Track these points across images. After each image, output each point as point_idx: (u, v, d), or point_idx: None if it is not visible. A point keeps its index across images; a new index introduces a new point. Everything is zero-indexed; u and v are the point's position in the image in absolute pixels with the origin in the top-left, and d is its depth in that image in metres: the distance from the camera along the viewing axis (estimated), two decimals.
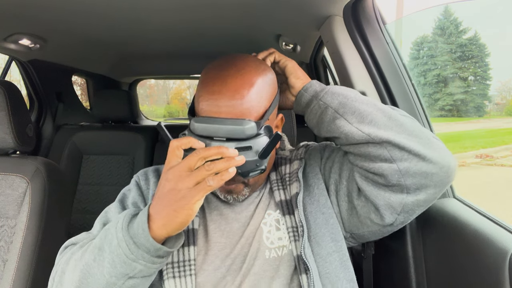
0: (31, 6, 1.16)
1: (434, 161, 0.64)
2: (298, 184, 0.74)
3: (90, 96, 2.81)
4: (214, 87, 0.66)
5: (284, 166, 0.79)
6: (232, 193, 0.72)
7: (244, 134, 0.61)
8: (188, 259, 0.70)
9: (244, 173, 0.62)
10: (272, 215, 0.75)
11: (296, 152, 0.83)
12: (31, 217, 1.03)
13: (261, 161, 0.63)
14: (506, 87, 8.73)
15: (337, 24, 1.06)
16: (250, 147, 0.62)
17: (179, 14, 1.28)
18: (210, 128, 0.62)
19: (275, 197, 0.76)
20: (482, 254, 0.70)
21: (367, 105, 0.68)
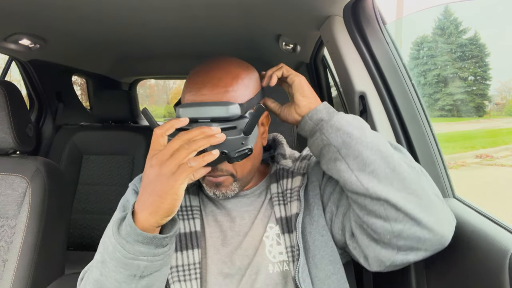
0: (31, 6, 1.16)
1: (430, 228, 0.62)
2: (299, 203, 0.72)
3: (90, 96, 2.81)
4: (198, 78, 0.68)
5: (286, 179, 0.77)
6: (220, 188, 0.71)
7: (228, 113, 0.61)
8: (193, 263, 0.70)
9: (230, 153, 0.62)
10: (274, 229, 0.74)
11: (299, 164, 0.80)
12: (31, 217, 1.03)
13: (246, 139, 0.62)
14: (506, 87, 8.73)
15: (337, 24, 1.06)
16: (235, 127, 0.62)
17: (179, 14, 1.28)
18: (193, 110, 0.62)
19: (275, 213, 0.74)
20: (482, 254, 0.70)
21: (372, 151, 0.63)
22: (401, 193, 0.61)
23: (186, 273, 0.69)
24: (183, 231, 0.72)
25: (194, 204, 0.76)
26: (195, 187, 0.78)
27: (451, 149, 6.21)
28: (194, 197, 0.77)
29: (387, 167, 0.62)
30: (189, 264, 0.69)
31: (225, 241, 0.74)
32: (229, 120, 0.62)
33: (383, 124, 1.03)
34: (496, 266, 0.65)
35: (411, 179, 0.63)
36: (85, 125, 2.23)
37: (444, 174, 0.97)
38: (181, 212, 0.74)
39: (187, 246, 0.71)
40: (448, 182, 0.96)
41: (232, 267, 0.71)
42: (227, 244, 0.73)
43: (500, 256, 0.65)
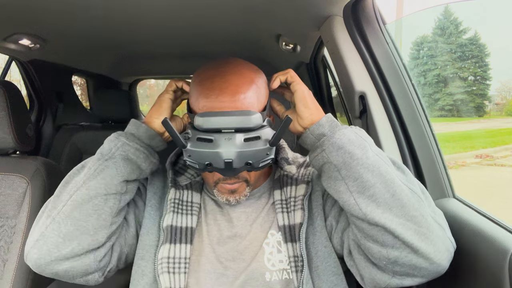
0: (31, 6, 1.16)
1: (426, 256, 0.61)
2: (302, 213, 0.71)
3: (90, 96, 2.81)
4: (214, 84, 0.66)
5: (290, 187, 0.76)
6: (235, 194, 0.72)
7: (252, 123, 0.60)
8: (184, 257, 0.70)
9: (254, 163, 0.61)
10: (275, 236, 0.73)
11: (303, 171, 0.78)
12: (31, 217, 1.03)
13: (271, 150, 0.62)
14: (506, 87, 8.73)
15: (337, 24, 1.06)
16: (259, 137, 0.61)
17: (179, 14, 1.28)
18: (217, 120, 0.60)
19: (278, 220, 0.74)
20: (482, 254, 0.70)
21: (372, 174, 0.61)
22: (399, 220, 0.60)
23: (176, 266, 0.69)
24: (179, 225, 0.72)
25: (195, 201, 0.76)
26: (198, 184, 0.79)
27: (451, 149, 6.20)
28: (196, 194, 0.77)
29: (387, 191, 0.61)
30: (180, 257, 0.70)
31: (221, 241, 0.74)
32: (252, 129, 0.61)
33: (383, 124, 1.03)
34: (496, 266, 0.65)
35: (411, 205, 0.61)
36: (85, 125, 2.23)
37: (444, 174, 0.97)
38: (180, 205, 0.75)
39: (180, 240, 0.71)
40: (448, 182, 0.96)
41: (226, 268, 0.71)
42: (224, 243, 0.73)
43: (500, 256, 0.65)
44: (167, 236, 0.71)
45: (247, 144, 0.60)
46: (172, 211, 0.73)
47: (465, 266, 0.76)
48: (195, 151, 0.60)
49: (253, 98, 0.66)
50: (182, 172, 0.81)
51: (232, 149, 0.58)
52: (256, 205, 0.77)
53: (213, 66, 0.70)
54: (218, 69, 0.69)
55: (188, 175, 0.80)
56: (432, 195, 0.96)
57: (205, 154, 0.59)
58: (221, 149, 0.59)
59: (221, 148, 0.59)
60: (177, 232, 0.72)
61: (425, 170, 0.97)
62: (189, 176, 0.80)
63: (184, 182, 0.78)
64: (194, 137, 0.61)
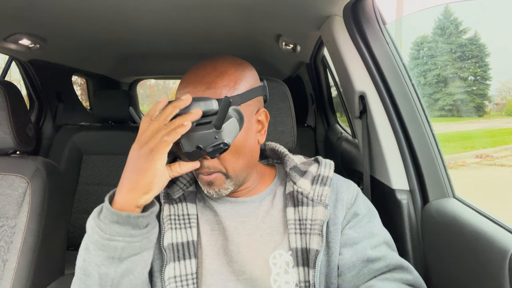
0: (31, 6, 1.16)
1: None
2: (320, 239, 0.68)
3: (90, 96, 2.81)
4: (185, 77, 0.69)
5: (306, 207, 0.72)
6: (213, 186, 0.69)
7: (204, 108, 0.62)
8: (190, 273, 0.69)
9: (206, 147, 0.62)
10: (284, 256, 0.71)
11: (318, 189, 0.74)
12: (31, 217, 1.03)
13: (219, 134, 0.62)
14: (506, 87, 8.73)
15: (337, 24, 1.06)
16: (210, 122, 0.62)
17: (179, 14, 1.28)
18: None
19: (290, 241, 0.71)
20: (482, 254, 0.70)
21: None
22: None
23: (184, 283, 0.68)
24: (180, 241, 0.70)
25: (191, 212, 0.74)
26: (192, 194, 0.76)
27: (451, 149, 6.20)
28: (192, 205, 0.75)
29: None
30: (187, 274, 0.68)
31: (221, 251, 0.72)
32: (205, 115, 0.63)
33: (383, 124, 1.03)
34: (496, 266, 0.65)
35: None
36: (85, 125, 2.23)
37: (444, 174, 0.97)
38: (178, 220, 0.72)
39: (184, 256, 0.69)
40: (448, 182, 0.97)
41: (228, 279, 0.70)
42: (224, 254, 0.71)
43: (500, 256, 0.65)
44: (170, 255, 0.69)
45: (197, 128, 0.62)
46: (170, 229, 0.71)
47: (465, 266, 0.76)
48: None
49: (218, 89, 0.66)
50: (174, 181, 0.77)
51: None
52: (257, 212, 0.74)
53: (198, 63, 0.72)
54: (197, 65, 0.71)
55: (181, 184, 0.77)
56: (432, 195, 0.96)
57: None
58: None
59: None
60: (179, 248, 0.70)
61: (425, 170, 0.97)
62: (181, 186, 0.76)
63: (177, 194, 0.75)
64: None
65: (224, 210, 0.75)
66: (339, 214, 0.72)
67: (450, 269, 0.82)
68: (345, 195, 0.75)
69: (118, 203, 0.59)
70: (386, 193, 1.03)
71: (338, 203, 0.74)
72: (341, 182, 0.77)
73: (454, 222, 0.82)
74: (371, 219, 0.75)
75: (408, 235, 0.96)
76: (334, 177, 0.77)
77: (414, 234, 0.96)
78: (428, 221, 0.93)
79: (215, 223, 0.74)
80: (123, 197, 0.59)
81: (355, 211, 0.74)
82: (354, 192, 0.76)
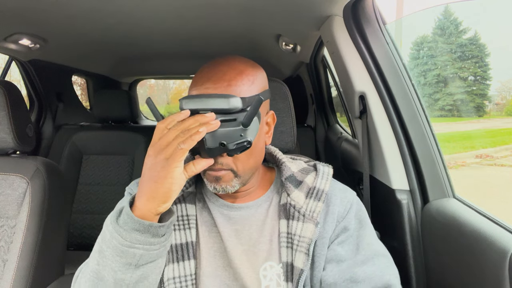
0: (31, 7, 1.16)
1: None
2: (306, 258, 0.68)
3: (90, 96, 2.81)
4: (203, 73, 0.68)
5: (296, 222, 0.71)
6: (220, 182, 0.68)
7: (229, 105, 0.62)
8: (189, 274, 0.69)
9: (229, 144, 0.62)
10: (275, 268, 0.70)
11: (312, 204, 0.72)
12: (31, 217, 1.03)
13: (245, 131, 0.62)
14: (506, 87, 8.73)
15: (337, 24, 1.06)
16: (235, 119, 0.62)
17: (179, 15, 1.28)
18: (195, 102, 0.63)
19: (282, 255, 0.70)
20: (482, 254, 0.70)
21: None
22: None
23: (183, 284, 0.68)
24: (179, 242, 0.70)
25: (191, 213, 0.74)
26: (192, 195, 0.76)
27: (451, 149, 6.20)
28: (191, 206, 0.75)
29: None
30: (186, 275, 0.69)
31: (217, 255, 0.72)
32: (229, 112, 0.62)
33: (383, 124, 1.03)
34: (496, 266, 0.65)
35: None
36: (85, 125, 2.23)
37: (444, 174, 0.97)
38: (177, 221, 0.72)
39: (183, 257, 0.70)
40: (448, 182, 0.97)
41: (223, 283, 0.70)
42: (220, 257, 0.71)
43: (500, 256, 0.65)
44: (170, 256, 0.69)
45: (222, 124, 0.62)
46: None
47: (465, 266, 0.76)
48: None
49: (239, 86, 0.66)
50: None
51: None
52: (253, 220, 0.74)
53: (211, 61, 0.71)
54: (212, 62, 0.70)
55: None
56: (432, 195, 0.96)
57: None
58: None
59: None
60: (178, 249, 0.70)
61: (425, 170, 0.97)
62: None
63: None
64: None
65: (220, 215, 0.74)
66: (328, 228, 0.71)
67: (450, 269, 0.82)
68: (337, 208, 0.73)
69: (138, 210, 0.58)
70: (386, 193, 1.03)
71: (329, 216, 0.72)
72: (335, 193, 0.75)
73: (454, 222, 0.82)
74: (360, 233, 0.73)
75: (408, 235, 0.96)
76: (331, 186, 0.75)
77: (414, 234, 0.96)
78: (428, 221, 0.93)
79: (212, 225, 0.74)
80: (142, 205, 0.58)
81: (345, 225, 0.72)
82: (348, 205, 0.74)
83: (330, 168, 0.78)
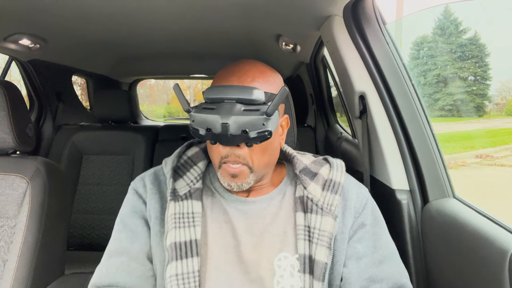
0: (31, 7, 1.16)
1: None
2: (328, 252, 0.68)
3: (90, 96, 2.81)
4: (227, 70, 0.71)
5: (315, 215, 0.71)
6: (236, 179, 0.69)
7: (253, 96, 0.64)
8: (192, 271, 0.69)
9: (250, 132, 0.64)
10: (289, 259, 0.70)
11: (329, 196, 0.73)
12: (31, 217, 1.03)
13: (267, 121, 0.64)
14: (506, 87, 8.73)
15: (337, 24, 1.06)
16: (258, 109, 0.64)
17: (179, 15, 1.28)
18: (220, 90, 0.66)
19: (299, 247, 0.70)
20: (482, 254, 0.70)
21: None
22: None
23: (186, 281, 0.68)
24: (183, 240, 0.70)
25: (196, 210, 0.73)
26: (198, 191, 0.76)
27: (451, 149, 6.20)
28: (197, 203, 0.74)
29: None
30: (188, 272, 0.68)
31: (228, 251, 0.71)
32: (253, 104, 0.65)
33: (383, 124, 1.03)
34: (496, 266, 0.65)
35: None
36: (85, 125, 2.23)
37: (444, 174, 0.97)
38: (182, 219, 0.72)
39: (186, 255, 0.69)
40: (448, 182, 0.97)
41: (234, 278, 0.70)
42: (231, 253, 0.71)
43: (500, 256, 0.65)
44: (172, 254, 0.69)
45: (246, 113, 0.64)
46: (174, 228, 0.70)
47: (465, 266, 0.76)
48: (198, 116, 0.66)
49: (261, 83, 0.68)
50: (181, 175, 0.77)
51: (229, 115, 0.63)
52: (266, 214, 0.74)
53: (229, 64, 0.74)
54: (235, 62, 0.73)
55: (188, 180, 0.76)
56: (432, 195, 0.96)
57: (206, 119, 0.65)
58: (220, 114, 0.64)
59: (220, 113, 0.64)
60: (181, 247, 0.70)
61: (425, 170, 0.97)
62: (188, 182, 0.75)
63: (183, 190, 0.74)
64: (200, 106, 0.67)
65: (233, 210, 0.74)
66: (347, 222, 0.72)
67: (450, 269, 0.82)
68: (354, 203, 0.74)
69: None
70: (386, 193, 1.03)
71: (347, 211, 0.73)
72: (351, 187, 0.76)
73: (454, 222, 0.81)
74: (376, 230, 0.74)
75: (408, 235, 0.96)
76: (346, 180, 0.76)
77: (414, 234, 0.96)
78: (428, 221, 0.93)
79: (224, 221, 0.74)
80: None
81: (363, 221, 0.74)
82: (364, 200, 0.75)
83: (342, 161, 0.79)
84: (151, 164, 2.00)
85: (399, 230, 0.98)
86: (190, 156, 0.79)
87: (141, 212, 0.75)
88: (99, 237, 1.86)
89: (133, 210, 0.76)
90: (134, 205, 0.76)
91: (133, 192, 0.78)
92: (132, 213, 0.75)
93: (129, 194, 0.78)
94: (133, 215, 0.75)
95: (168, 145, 2.05)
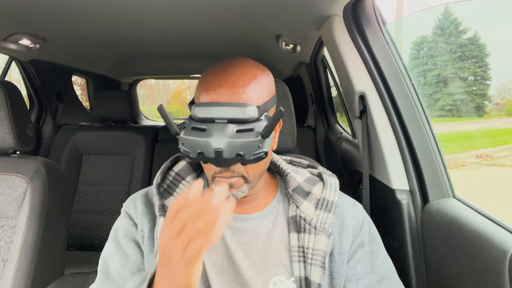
0: (31, 7, 1.16)
1: None
2: (322, 272, 0.66)
3: (90, 96, 2.81)
4: (215, 77, 0.65)
5: (308, 234, 0.69)
6: (231, 189, 0.67)
7: (245, 115, 0.60)
8: None
9: (246, 155, 0.60)
10: (285, 283, 0.68)
11: (322, 215, 0.70)
12: (31, 217, 1.03)
13: (263, 142, 0.61)
14: (506, 87, 8.73)
15: (337, 24, 1.06)
16: (252, 129, 0.60)
17: (179, 14, 1.28)
18: (211, 110, 0.61)
19: (294, 269, 0.68)
20: (482, 254, 0.70)
21: None
22: None
23: None
24: None
25: None
26: None
27: (451, 149, 6.20)
28: None
29: None
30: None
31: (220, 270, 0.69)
32: (246, 122, 0.61)
33: (383, 124, 1.03)
34: (496, 266, 0.65)
35: None
36: (85, 125, 2.23)
37: (444, 174, 0.97)
38: None
39: None
40: (448, 182, 0.97)
41: None
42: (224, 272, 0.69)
43: (500, 256, 0.65)
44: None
45: (239, 135, 0.60)
46: None
47: (465, 266, 0.76)
48: (188, 139, 0.61)
49: (253, 93, 0.64)
50: (171, 192, 0.74)
51: (222, 139, 0.59)
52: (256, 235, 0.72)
53: (219, 63, 0.69)
54: (222, 65, 0.68)
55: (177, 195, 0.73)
56: (432, 195, 0.96)
57: (197, 143, 0.61)
58: (212, 138, 0.59)
59: (212, 137, 0.59)
60: None
61: (425, 170, 0.97)
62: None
63: None
64: (189, 126, 0.62)
65: (226, 227, 0.72)
66: (345, 243, 0.70)
67: (450, 269, 0.82)
68: (351, 222, 0.72)
69: None
70: (386, 193, 1.03)
71: (344, 230, 0.71)
72: (346, 206, 0.75)
73: (454, 222, 0.82)
74: (373, 249, 0.73)
75: (408, 235, 0.96)
76: (340, 199, 0.75)
77: (414, 234, 0.96)
78: (428, 221, 0.93)
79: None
80: None
81: (362, 240, 0.72)
82: (361, 218, 0.74)
83: (336, 178, 0.77)
84: (151, 164, 2.00)
85: (399, 230, 0.98)
86: (177, 171, 0.77)
87: (131, 234, 0.73)
88: (99, 237, 1.86)
89: (125, 233, 0.74)
90: (125, 228, 0.74)
91: (124, 215, 0.76)
92: (124, 235, 0.74)
93: (121, 216, 0.76)
94: (125, 237, 0.73)
95: (168, 145, 2.05)
